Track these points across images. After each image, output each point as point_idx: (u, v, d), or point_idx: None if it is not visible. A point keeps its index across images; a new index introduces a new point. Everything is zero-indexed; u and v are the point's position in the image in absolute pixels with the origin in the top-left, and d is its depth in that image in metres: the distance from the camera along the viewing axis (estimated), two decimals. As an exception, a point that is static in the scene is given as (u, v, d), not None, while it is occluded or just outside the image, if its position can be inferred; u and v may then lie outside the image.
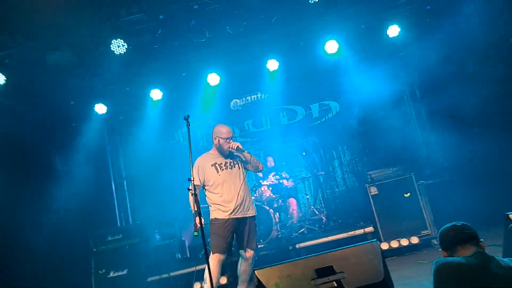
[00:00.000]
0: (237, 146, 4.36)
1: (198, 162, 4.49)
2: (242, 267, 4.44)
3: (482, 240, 2.14)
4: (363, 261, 2.50)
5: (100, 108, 7.89)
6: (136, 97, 8.12)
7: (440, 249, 2.26)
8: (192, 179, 3.53)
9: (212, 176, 4.39)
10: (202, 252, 6.68)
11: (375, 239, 2.60)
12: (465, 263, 1.97)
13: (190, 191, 3.16)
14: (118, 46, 6.28)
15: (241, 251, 4.45)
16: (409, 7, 7.12)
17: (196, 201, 3.13)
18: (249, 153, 4.46)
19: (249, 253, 4.40)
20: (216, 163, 4.45)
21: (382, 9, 7.03)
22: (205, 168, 4.44)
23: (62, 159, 7.60)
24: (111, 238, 6.45)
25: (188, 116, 3.64)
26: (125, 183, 8.70)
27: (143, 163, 8.42)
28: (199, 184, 4.41)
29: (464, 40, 6.38)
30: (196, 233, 2.93)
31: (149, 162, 8.36)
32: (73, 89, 7.51)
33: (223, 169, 4.42)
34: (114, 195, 8.46)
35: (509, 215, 2.44)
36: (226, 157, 4.50)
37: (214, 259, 4.28)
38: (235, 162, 4.50)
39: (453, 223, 2.24)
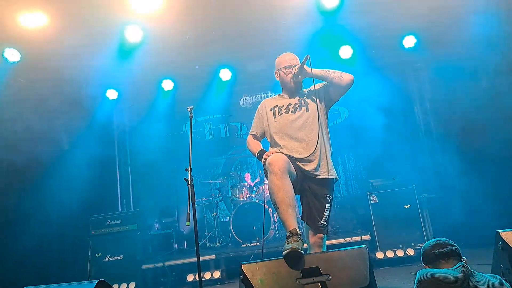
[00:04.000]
0: (299, 67, 3.25)
1: (260, 106, 3.65)
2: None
3: (464, 257, 2.15)
4: (350, 266, 2.50)
5: (111, 94, 7.98)
6: (147, 85, 8.17)
7: (422, 264, 2.28)
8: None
9: (268, 123, 3.47)
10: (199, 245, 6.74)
11: (364, 245, 2.59)
12: (447, 275, 1.97)
13: (187, 181, 3.16)
14: (133, 34, 6.33)
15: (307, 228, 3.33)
16: (428, 18, 7.08)
17: (192, 192, 3.14)
18: (318, 69, 3.27)
19: (313, 238, 3.30)
20: (276, 105, 3.47)
21: (399, 18, 6.98)
22: (264, 112, 3.54)
23: (69, 140, 7.68)
24: (110, 223, 6.52)
25: (192, 107, 3.62)
26: (129, 170, 8.77)
27: (149, 152, 8.47)
28: (256, 133, 3.58)
29: (480, 56, 6.32)
30: (188, 223, 2.93)
31: (155, 152, 8.41)
32: (85, 72, 7.60)
33: (281, 113, 3.39)
34: (118, 181, 8.54)
35: (500, 233, 2.42)
36: (293, 95, 3.44)
37: None
38: (304, 102, 3.37)
39: (437, 239, 2.28)
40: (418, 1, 6.49)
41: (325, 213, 3.26)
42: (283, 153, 3.17)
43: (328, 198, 3.27)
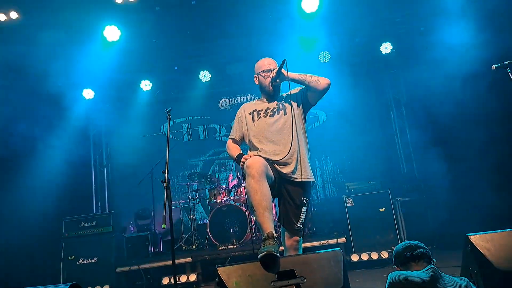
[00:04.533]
0: (276, 71, 3.26)
1: (239, 110, 3.62)
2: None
3: (434, 260, 2.20)
4: (325, 268, 2.52)
5: (88, 93, 7.86)
6: (125, 86, 8.11)
7: (394, 266, 2.33)
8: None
9: (247, 127, 3.47)
10: (175, 248, 6.68)
11: (338, 248, 2.63)
12: (417, 277, 2.02)
13: (163, 183, 3.14)
14: (112, 33, 6.27)
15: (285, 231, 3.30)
16: (404, 26, 7.26)
17: (168, 194, 3.11)
18: (296, 73, 3.29)
19: (289, 241, 3.25)
20: (255, 109, 3.47)
21: (378, 25, 7.13)
22: (243, 117, 3.54)
23: (44, 142, 7.51)
24: (84, 225, 6.39)
25: (169, 109, 3.60)
26: (105, 171, 8.65)
27: (126, 153, 8.38)
28: (235, 137, 3.57)
29: (453, 63, 6.50)
30: (164, 226, 2.90)
31: (132, 153, 8.32)
32: (63, 70, 7.47)
33: (260, 117, 3.40)
34: (93, 182, 8.40)
35: (469, 236, 2.49)
36: (271, 99, 3.45)
37: None
38: (283, 106, 3.38)
39: (408, 241, 2.32)
40: (394, 10, 6.65)
41: (301, 216, 3.23)
42: (261, 156, 3.20)
43: (304, 201, 3.27)
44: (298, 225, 3.23)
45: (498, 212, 5.57)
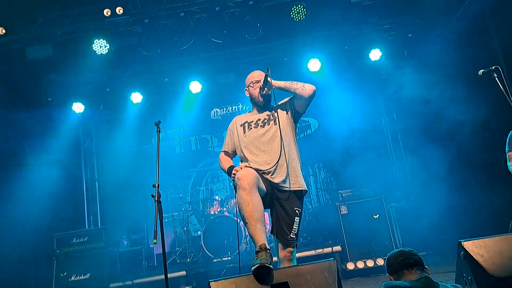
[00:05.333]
0: (263, 80, 3.29)
1: (231, 123, 3.63)
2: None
3: (427, 266, 2.19)
4: (319, 279, 2.49)
5: (78, 107, 7.80)
6: (116, 98, 8.06)
7: (387, 274, 2.30)
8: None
9: (238, 139, 3.47)
10: (169, 261, 6.61)
11: (332, 258, 2.60)
12: (410, 286, 2.00)
13: (154, 197, 3.10)
14: (101, 46, 6.24)
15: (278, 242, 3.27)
16: (393, 33, 7.33)
17: (159, 209, 3.07)
18: (283, 81, 3.31)
19: (283, 252, 3.23)
20: (246, 121, 3.47)
21: (366, 32, 7.18)
22: (234, 129, 3.55)
23: (34, 155, 7.43)
24: (76, 241, 6.31)
25: (159, 122, 3.58)
26: (97, 186, 8.55)
27: (117, 166, 8.30)
28: (227, 150, 3.58)
29: (442, 68, 6.55)
30: (155, 241, 2.85)
31: (123, 166, 8.25)
32: (52, 85, 7.44)
33: (251, 128, 3.40)
34: (85, 197, 8.29)
35: (462, 242, 2.48)
36: (262, 110, 3.47)
37: None
38: (273, 116, 3.38)
39: (401, 248, 2.31)
40: (381, 17, 6.71)
41: (294, 227, 3.19)
42: (251, 167, 3.17)
43: (297, 211, 3.24)
44: (291, 236, 3.19)
45: (492, 214, 5.58)
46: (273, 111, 3.42)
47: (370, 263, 5.67)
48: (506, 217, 4.34)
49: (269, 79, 3.27)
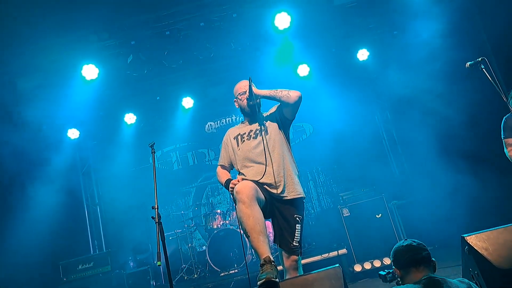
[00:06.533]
0: (248, 91, 3.29)
1: (225, 136, 3.64)
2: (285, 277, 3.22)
3: (433, 259, 2.19)
4: (325, 287, 2.50)
5: (73, 133, 7.81)
6: (109, 121, 8.08)
7: (393, 267, 2.29)
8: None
9: (233, 152, 3.49)
10: (176, 279, 6.58)
11: (337, 264, 2.60)
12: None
13: (154, 219, 3.10)
14: (90, 71, 6.26)
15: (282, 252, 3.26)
16: (378, 31, 7.37)
17: (161, 230, 3.07)
18: (269, 89, 3.33)
19: (288, 261, 3.20)
20: (239, 134, 3.49)
21: (352, 34, 7.23)
22: (229, 142, 3.56)
23: (33, 186, 7.42)
24: (82, 267, 6.29)
25: (153, 143, 3.58)
26: (98, 209, 8.53)
27: (117, 188, 8.29)
28: (223, 163, 3.58)
29: (430, 62, 6.60)
30: (159, 263, 2.85)
31: (123, 188, 8.24)
32: (45, 114, 7.44)
33: (244, 140, 3.42)
34: (87, 222, 8.27)
35: (465, 237, 2.48)
36: (252, 120, 3.46)
37: None
38: (264, 126, 3.37)
39: (409, 241, 2.26)
40: (366, 17, 6.75)
41: (296, 234, 3.18)
42: (247, 179, 3.18)
43: (297, 218, 3.22)
44: (294, 243, 3.19)
45: (493, 204, 5.59)
46: (263, 121, 3.43)
47: (377, 263, 5.65)
48: (508, 207, 4.37)
49: (253, 88, 3.29)
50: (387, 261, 5.62)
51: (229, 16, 6.01)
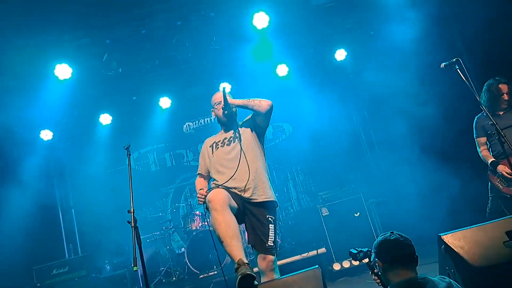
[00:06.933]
0: (223, 101, 3.43)
1: (203, 146, 3.78)
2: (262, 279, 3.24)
3: (416, 255, 2.19)
4: (305, 289, 2.48)
5: (46, 135, 7.59)
6: (84, 122, 7.88)
7: (376, 259, 2.27)
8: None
9: (209, 159, 3.61)
10: (154, 282, 6.49)
11: (317, 266, 2.59)
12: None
13: (130, 223, 3.03)
14: (63, 71, 6.09)
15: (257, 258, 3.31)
16: (355, 31, 7.43)
17: (137, 234, 3.00)
18: (242, 99, 3.49)
19: (264, 263, 3.23)
20: (214, 141, 3.65)
21: (329, 34, 7.26)
22: (205, 150, 3.70)
23: (5, 189, 7.19)
24: (56, 272, 6.12)
25: (129, 145, 3.53)
26: (73, 212, 8.33)
27: (93, 190, 8.08)
28: (202, 172, 3.70)
29: (406, 63, 6.69)
30: (135, 268, 2.79)
31: (99, 190, 8.03)
32: (16, 115, 7.21)
33: (218, 147, 3.57)
34: (62, 225, 8.06)
35: (442, 236, 2.51)
36: (228, 128, 3.62)
37: None
38: (238, 133, 3.51)
39: (396, 236, 2.23)
40: (342, 17, 6.80)
41: (270, 234, 3.26)
42: (219, 185, 3.30)
43: (270, 219, 3.31)
44: (269, 243, 3.25)
45: (470, 202, 5.69)
46: (238, 129, 3.57)
47: (355, 262, 5.69)
48: (484, 205, 4.45)
49: (228, 98, 3.47)
50: (365, 259, 5.64)
51: (206, 15, 5.94)
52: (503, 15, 5.34)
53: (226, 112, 3.51)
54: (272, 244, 3.26)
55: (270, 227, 3.28)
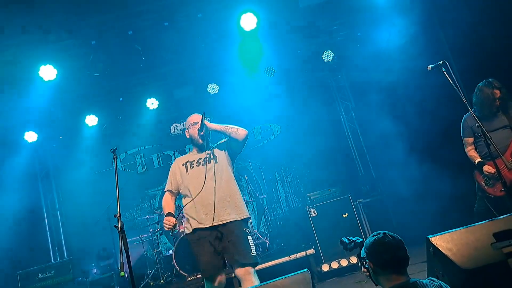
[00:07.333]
0: (200, 123, 3.58)
1: (173, 163, 3.91)
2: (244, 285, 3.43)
3: (408, 256, 2.17)
4: (295, 293, 2.47)
5: (31, 136, 7.46)
6: (70, 123, 7.76)
7: (367, 260, 2.23)
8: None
9: (181, 177, 3.74)
10: (142, 285, 6.42)
11: (306, 269, 2.58)
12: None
13: (117, 228, 2.98)
14: (48, 72, 5.99)
15: (235, 270, 3.49)
16: (342, 33, 7.45)
17: (124, 239, 2.95)
18: (220, 124, 3.66)
19: (242, 270, 3.42)
20: (188, 161, 3.77)
21: (316, 35, 7.27)
22: (177, 168, 3.82)
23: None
24: (42, 276, 6.02)
25: (115, 148, 3.49)
26: (59, 215, 8.19)
27: (79, 192, 7.99)
28: (171, 188, 3.82)
29: (393, 64, 6.74)
30: (122, 273, 2.74)
31: (85, 192, 7.94)
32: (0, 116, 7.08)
33: (193, 167, 3.70)
34: (47, 228, 7.93)
35: (430, 238, 2.52)
36: (201, 149, 3.73)
37: None
38: (213, 155, 3.69)
39: (388, 238, 2.18)
40: (329, 19, 6.82)
41: (251, 244, 3.49)
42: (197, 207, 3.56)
43: (247, 231, 3.55)
44: (253, 253, 3.48)
45: (459, 202, 5.75)
46: (212, 151, 3.74)
47: (344, 263, 5.71)
48: (473, 205, 4.51)
49: (206, 122, 3.63)
50: (354, 259, 5.68)
51: (193, 16, 5.90)
52: (487, 18, 5.41)
53: (202, 133, 3.65)
54: (256, 254, 3.51)
55: (249, 238, 3.52)
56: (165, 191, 3.87)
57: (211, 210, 3.48)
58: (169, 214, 3.62)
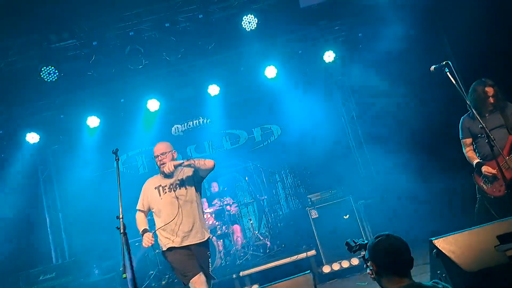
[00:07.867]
0: (172, 166, 3.92)
1: (145, 184, 4.21)
2: None
3: (411, 258, 2.14)
4: (297, 295, 2.47)
5: (33, 137, 7.46)
6: (71, 124, 7.75)
7: (369, 261, 2.22)
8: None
9: (154, 200, 4.04)
10: (144, 286, 6.42)
11: (308, 271, 2.58)
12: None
13: (119, 229, 2.98)
14: (49, 74, 5.99)
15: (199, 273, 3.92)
16: (343, 33, 7.46)
17: (126, 241, 2.95)
18: (189, 160, 3.96)
19: (202, 277, 3.88)
20: (160, 185, 4.07)
21: (317, 36, 7.28)
22: (149, 191, 4.11)
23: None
24: (43, 278, 6.02)
25: (117, 150, 3.48)
26: (60, 216, 8.18)
27: (81, 193, 7.97)
28: (142, 208, 4.13)
29: (394, 65, 6.74)
30: (124, 275, 2.74)
31: (87, 193, 7.93)
32: (1, 118, 7.09)
33: (165, 192, 4.01)
34: (49, 228, 7.92)
35: (433, 241, 2.51)
36: (170, 176, 4.05)
37: None
38: (181, 183, 4.02)
39: (392, 240, 2.17)
40: (331, 19, 6.82)
41: (210, 264, 4.07)
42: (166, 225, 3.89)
43: (208, 254, 4.07)
44: (210, 271, 4.05)
45: (460, 204, 5.74)
46: (181, 177, 4.03)
47: (345, 264, 5.71)
48: (472, 204, 4.49)
49: (173, 162, 3.92)
50: (355, 261, 5.68)
51: (195, 17, 5.91)
52: (488, 19, 5.41)
53: (169, 170, 3.92)
54: (211, 270, 4.13)
55: (209, 260, 4.07)
56: (137, 209, 4.18)
57: (184, 234, 3.87)
58: (145, 231, 3.92)
